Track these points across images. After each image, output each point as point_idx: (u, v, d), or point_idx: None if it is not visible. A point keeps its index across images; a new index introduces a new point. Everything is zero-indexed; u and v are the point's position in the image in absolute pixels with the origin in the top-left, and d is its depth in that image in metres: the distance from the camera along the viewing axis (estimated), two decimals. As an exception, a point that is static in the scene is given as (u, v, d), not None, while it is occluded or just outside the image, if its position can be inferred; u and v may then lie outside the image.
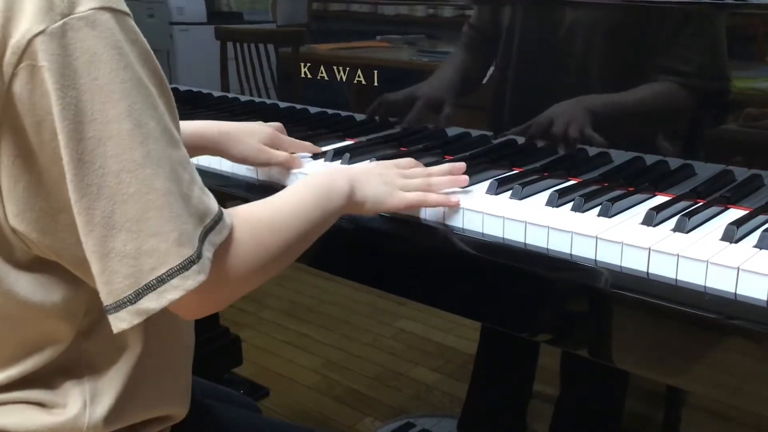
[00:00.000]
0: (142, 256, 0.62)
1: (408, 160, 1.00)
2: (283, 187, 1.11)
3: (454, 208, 0.93)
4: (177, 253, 0.63)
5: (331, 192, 0.84)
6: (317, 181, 0.85)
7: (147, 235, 0.62)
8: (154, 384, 0.79)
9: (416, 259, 0.97)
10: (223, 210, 0.71)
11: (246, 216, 0.73)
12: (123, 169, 0.62)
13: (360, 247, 1.04)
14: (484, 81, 1.14)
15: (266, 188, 1.13)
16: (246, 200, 0.69)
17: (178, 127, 0.69)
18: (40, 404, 0.73)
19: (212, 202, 0.69)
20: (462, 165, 1.00)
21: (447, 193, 0.95)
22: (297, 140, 1.15)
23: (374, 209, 0.91)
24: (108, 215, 0.62)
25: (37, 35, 0.60)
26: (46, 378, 0.74)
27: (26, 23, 0.60)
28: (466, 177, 0.98)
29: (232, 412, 0.98)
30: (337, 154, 1.15)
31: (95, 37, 0.61)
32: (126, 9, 0.65)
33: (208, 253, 0.66)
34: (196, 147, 1.06)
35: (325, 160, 1.16)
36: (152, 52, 0.67)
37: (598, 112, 1.02)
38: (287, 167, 1.11)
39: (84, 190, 0.61)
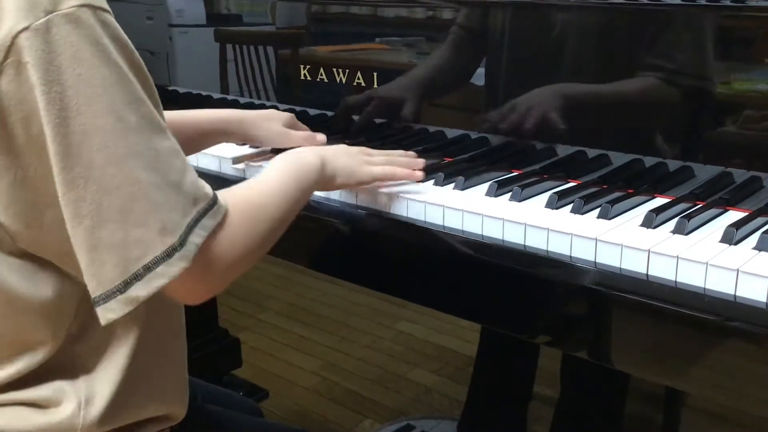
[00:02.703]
0: (128, 245, 0.64)
1: (370, 150, 1.03)
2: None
3: (417, 180, 0.99)
4: (161, 242, 0.65)
5: (304, 168, 0.87)
6: (289, 159, 0.87)
7: (132, 226, 0.64)
8: (150, 381, 0.80)
9: (416, 260, 0.97)
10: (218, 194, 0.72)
11: (236, 199, 0.75)
12: (108, 162, 0.63)
13: (359, 249, 1.04)
14: (481, 82, 1.14)
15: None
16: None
17: (162, 117, 0.70)
18: (34, 404, 0.74)
19: (206, 187, 0.71)
20: (414, 154, 1.06)
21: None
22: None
23: (345, 182, 0.94)
24: (96, 207, 0.63)
25: (21, 32, 0.61)
26: (40, 378, 0.74)
27: (9, 20, 0.61)
28: (422, 161, 1.03)
29: (233, 416, 0.98)
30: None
31: (78, 33, 0.62)
32: (106, 6, 0.66)
33: (198, 238, 0.67)
34: (220, 133, 1.11)
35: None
36: (133, 47, 0.68)
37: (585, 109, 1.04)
38: (311, 143, 1.14)
39: (71, 183, 0.63)
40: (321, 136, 1.16)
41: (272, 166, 0.87)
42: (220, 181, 1.17)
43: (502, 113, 1.10)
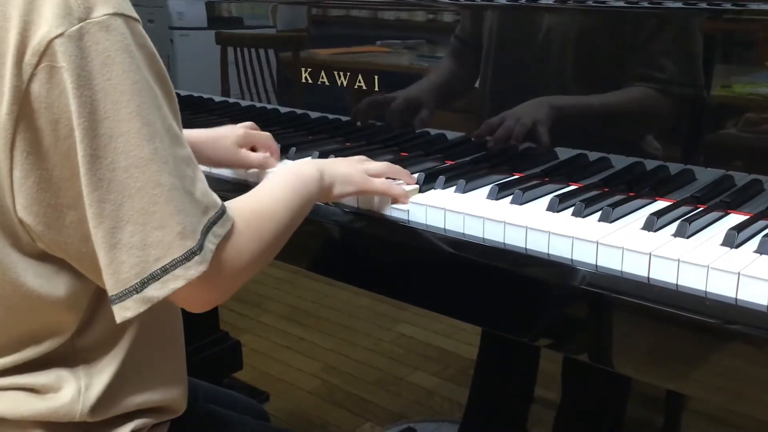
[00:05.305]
0: (147, 247, 0.66)
1: (367, 160, 1.03)
2: (254, 183, 1.12)
3: (406, 201, 0.98)
4: (180, 245, 0.67)
5: (304, 179, 0.89)
6: (289, 171, 0.90)
7: (152, 228, 0.66)
8: (148, 368, 0.81)
9: (416, 263, 0.97)
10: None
11: (242, 208, 0.77)
12: (132, 164, 0.65)
13: (359, 252, 1.04)
14: (478, 86, 1.14)
15: (240, 185, 1.14)
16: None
17: (180, 127, 0.72)
18: (34, 390, 0.75)
19: (216, 197, 0.73)
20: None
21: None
22: (269, 134, 1.17)
23: (342, 190, 0.96)
24: (117, 208, 0.65)
25: (56, 37, 0.63)
26: (41, 366, 0.75)
27: (45, 26, 0.63)
28: (414, 177, 1.04)
29: (234, 417, 0.97)
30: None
31: (109, 40, 0.65)
32: (136, 15, 0.68)
33: (210, 244, 0.69)
34: None
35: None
36: (158, 56, 0.70)
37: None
38: (264, 167, 1.13)
39: (96, 184, 0.65)
40: (272, 160, 1.14)
41: (273, 177, 0.89)
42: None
43: (501, 122, 1.10)
